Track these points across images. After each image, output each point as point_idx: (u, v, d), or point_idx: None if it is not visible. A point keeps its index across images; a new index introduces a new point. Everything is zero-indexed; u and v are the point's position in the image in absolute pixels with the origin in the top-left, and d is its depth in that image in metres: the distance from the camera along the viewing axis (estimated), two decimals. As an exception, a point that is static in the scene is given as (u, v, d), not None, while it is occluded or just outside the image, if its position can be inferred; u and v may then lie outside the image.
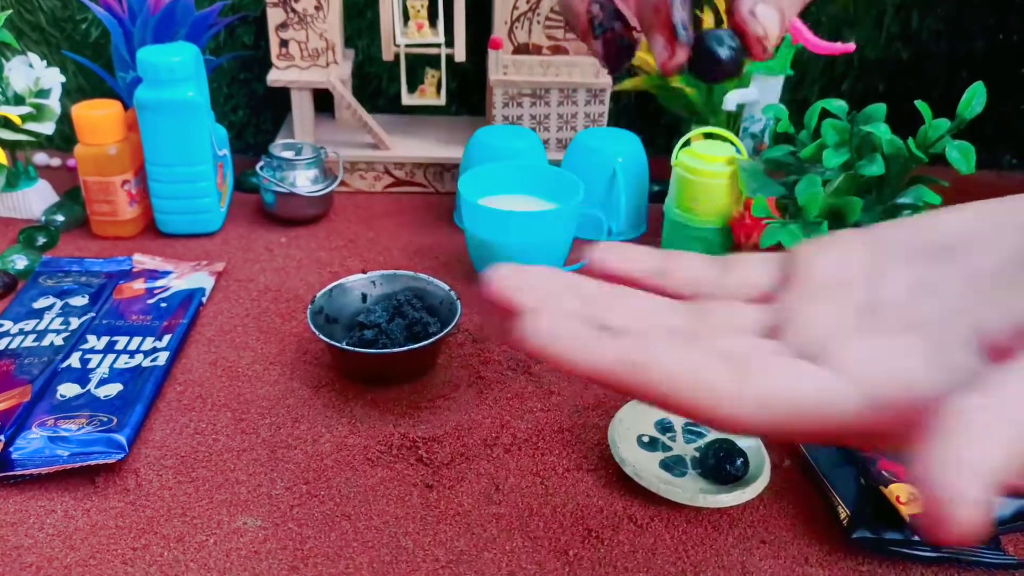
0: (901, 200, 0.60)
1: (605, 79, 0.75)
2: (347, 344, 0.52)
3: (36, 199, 0.70)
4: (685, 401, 0.19)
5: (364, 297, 0.57)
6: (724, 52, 0.31)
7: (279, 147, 0.71)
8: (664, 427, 0.49)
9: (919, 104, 0.58)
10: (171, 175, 0.66)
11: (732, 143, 0.66)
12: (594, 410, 0.51)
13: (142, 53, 0.63)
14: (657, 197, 0.72)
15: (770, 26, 0.31)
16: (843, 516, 0.43)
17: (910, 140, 0.58)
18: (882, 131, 0.58)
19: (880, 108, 0.59)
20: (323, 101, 0.83)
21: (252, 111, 0.87)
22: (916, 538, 0.40)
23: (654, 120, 0.87)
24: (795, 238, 0.57)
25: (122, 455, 0.45)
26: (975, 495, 0.15)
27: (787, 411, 0.19)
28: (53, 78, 0.68)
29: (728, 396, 0.19)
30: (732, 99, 0.70)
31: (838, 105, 0.60)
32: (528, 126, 0.78)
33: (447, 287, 0.56)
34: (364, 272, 0.57)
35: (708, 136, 0.68)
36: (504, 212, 0.59)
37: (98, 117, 0.64)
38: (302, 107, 0.75)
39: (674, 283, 0.26)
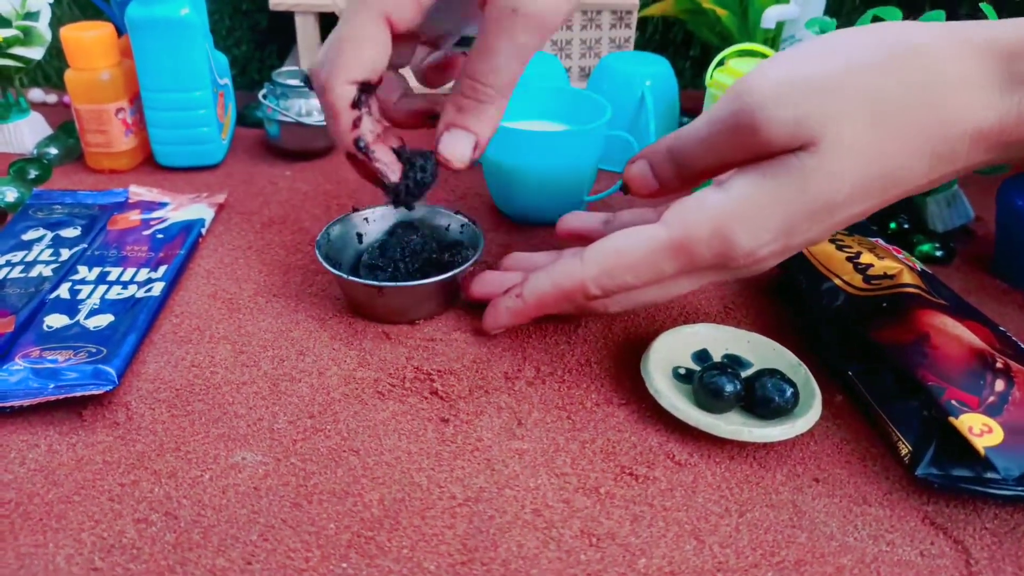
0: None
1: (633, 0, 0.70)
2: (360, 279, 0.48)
3: (28, 132, 0.66)
4: None
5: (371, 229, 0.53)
6: None
7: (283, 75, 0.67)
8: (701, 358, 0.44)
9: (983, 7, 0.52)
10: (167, 102, 0.62)
11: (771, 61, 0.60)
12: (623, 343, 0.47)
13: (133, -33, 0.58)
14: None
15: (460, 151, 0.40)
16: (904, 452, 0.39)
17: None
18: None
19: (939, 14, 0.53)
20: (329, 31, 0.79)
21: (256, 45, 0.82)
22: (989, 474, 0.36)
23: (682, 51, 0.82)
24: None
25: (111, 387, 0.41)
26: None
27: None
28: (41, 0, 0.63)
29: None
30: (771, 16, 0.65)
31: (893, 13, 0.55)
32: (549, 52, 0.72)
33: (465, 219, 0.52)
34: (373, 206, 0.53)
35: (743, 55, 0.63)
36: (524, 132, 0.55)
37: (89, 39, 0.60)
38: (307, 33, 0.70)
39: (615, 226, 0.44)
